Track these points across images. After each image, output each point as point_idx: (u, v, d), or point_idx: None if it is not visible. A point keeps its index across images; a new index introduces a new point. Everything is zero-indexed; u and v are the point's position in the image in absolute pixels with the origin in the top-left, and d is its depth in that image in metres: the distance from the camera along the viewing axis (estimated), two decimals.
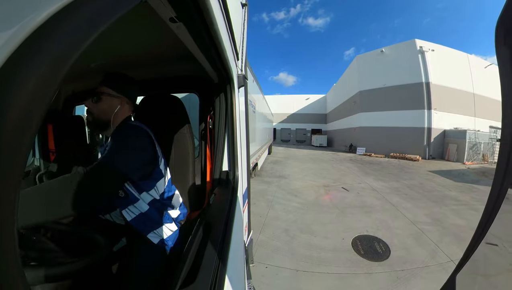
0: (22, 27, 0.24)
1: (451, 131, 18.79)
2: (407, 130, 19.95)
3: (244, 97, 2.12)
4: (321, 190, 7.49)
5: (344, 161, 15.77)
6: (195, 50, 1.00)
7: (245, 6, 1.77)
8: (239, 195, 1.52)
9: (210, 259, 0.82)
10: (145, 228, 1.25)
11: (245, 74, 1.86)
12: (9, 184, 0.25)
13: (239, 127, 1.68)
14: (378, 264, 3.31)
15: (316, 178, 9.42)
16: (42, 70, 0.26)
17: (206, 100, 2.02)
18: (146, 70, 2.01)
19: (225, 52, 1.13)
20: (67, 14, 0.28)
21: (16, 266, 0.28)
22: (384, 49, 21.87)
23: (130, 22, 1.29)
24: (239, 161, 1.63)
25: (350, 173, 11.01)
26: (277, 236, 4.22)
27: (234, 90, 1.52)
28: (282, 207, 5.78)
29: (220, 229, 1.04)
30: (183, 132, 1.64)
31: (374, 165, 14.42)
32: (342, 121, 30.14)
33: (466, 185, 8.94)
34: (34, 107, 0.26)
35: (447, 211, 5.61)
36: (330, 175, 10.28)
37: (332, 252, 3.67)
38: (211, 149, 1.85)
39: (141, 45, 1.65)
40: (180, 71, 1.99)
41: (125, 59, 1.84)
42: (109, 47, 1.62)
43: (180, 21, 0.74)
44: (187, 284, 0.71)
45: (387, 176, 10.48)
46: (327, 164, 13.91)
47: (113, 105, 1.26)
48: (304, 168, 11.96)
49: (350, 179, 9.37)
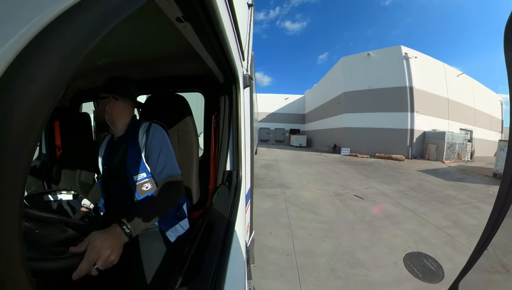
0: (32, 25, 0.24)
1: (430, 133, 20.36)
2: (391, 131, 20.81)
3: (249, 98, 2.12)
4: (335, 200, 6.50)
5: (336, 163, 15.28)
6: (201, 50, 1.01)
7: (251, 6, 1.77)
8: (242, 195, 1.52)
9: (211, 258, 0.82)
10: (163, 225, 1.29)
11: (251, 74, 1.86)
12: (16, 178, 0.26)
13: (244, 127, 1.69)
14: (441, 285, 3.08)
15: (320, 185, 8.49)
16: (50, 68, 0.26)
17: (211, 99, 2.03)
18: (152, 69, 2.02)
19: (231, 52, 1.13)
20: (76, 13, 0.28)
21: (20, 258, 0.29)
22: (370, 53, 22.41)
23: (137, 21, 1.31)
24: (243, 161, 1.63)
25: (351, 176, 10.51)
26: (328, 285, 2.94)
27: (239, 91, 1.52)
28: (306, 232, 4.44)
29: (222, 229, 1.04)
30: (188, 131, 1.64)
31: (366, 166, 14.21)
32: (324, 121, 30.18)
33: (457, 183, 9.70)
34: (41, 104, 0.27)
35: (457, 211, 5.71)
36: (333, 179, 9.55)
37: (396, 285, 3.03)
38: (215, 148, 1.85)
39: (148, 44, 1.67)
40: (186, 70, 2.00)
41: (132, 58, 1.86)
42: (117, 46, 1.63)
43: (186, 21, 0.74)
44: (188, 281, 0.72)
45: (386, 177, 10.33)
46: (321, 167, 13.21)
47: (105, 105, 1.32)
48: (301, 173, 10.95)
49: (356, 184, 8.81)
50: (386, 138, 20.73)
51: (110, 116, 1.32)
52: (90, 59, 1.80)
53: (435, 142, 19.23)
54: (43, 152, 2.44)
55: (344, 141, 23.11)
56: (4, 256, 0.27)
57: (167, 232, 1.29)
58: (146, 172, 1.28)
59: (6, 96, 0.24)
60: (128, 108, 1.39)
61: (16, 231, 0.28)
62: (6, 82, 0.23)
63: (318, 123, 32.59)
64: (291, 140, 35.95)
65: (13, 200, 0.26)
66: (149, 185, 1.28)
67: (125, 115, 1.38)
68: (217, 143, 1.71)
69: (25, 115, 0.25)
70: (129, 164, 1.27)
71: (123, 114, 1.37)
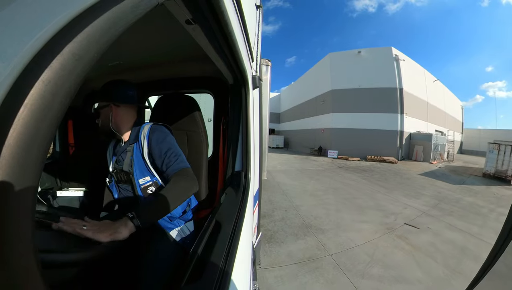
0: (47, 29, 0.25)
1: (416, 134, 21.02)
2: (381, 133, 20.44)
3: (259, 99, 2.12)
4: (395, 240, 4.60)
5: (336, 169, 13.81)
6: (210, 51, 1.02)
7: (259, 8, 1.77)
8: (250, 196, 1.52)
9: (217, 257, 0.82)
10: (168, 225, 1.31)
11: (260, 75, 1.86)
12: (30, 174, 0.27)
13: (253, 128, 1.69)
14: None
15: (354, 212, 6.17)
16: (64, 69, 0.27)
17: (220, 101, 2.04)
18: (162, 71, 2.05)
19: (240, 54, 1.14)
20: (88, 17, 0.29)
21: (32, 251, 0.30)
22: (361, 51, 21.78)
23: (147, 24, 1.33)
24: (252, 162, 1.64)
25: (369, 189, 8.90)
26: None
27: (248, 92, 1.52)
28: None
29: (229, 229, 1.04)
30: (197, 131, 1.66)
31: (368, 172, 13.27)
32: (305, 121, 28.75)
33: (463, 187, 9.91)
34: (56, 105, 0.28)
35: (494, 224, 5.65)
36: (359, 199, 7.44)
37: None
38: (224, 149, 1.86)
39: (158, 46, 1.69)
40: (195, 72, 2.02)
41: (142, 60, 1.89)
42: (127, 48, 1.66)
43: (195, 23, 0.75)
44: (193, 279, 0.72)
45: (403, 187, 9.54)
46: (327, 178, 11.12)
47: (107, 114, 1.31)
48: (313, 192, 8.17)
49: (386, 202, 7.30)
50: (376, 140, 20.27)
51: (115, 124, 1.32)
52: (103, 61, 1.84)
53: (422, 144, 19.85)
54: (56, 150, 2.51)
55: (331, 143, 21.97)
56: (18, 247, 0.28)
57: (172, 231, 1.31)
58: (150, 175, 1.29)
59: (22, 97, 0.25)
60: (131, 113, 1.38)
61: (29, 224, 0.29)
62: (22, 83, 0.24)
63: (297, 123, 31.05)
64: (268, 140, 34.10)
65: (27, 195, 0.28)
66: (153, 188, 1.29)
67: (129, 120, 1.37)
68: (226, 144, 1.71)
69: (41, 115, 0.26)
70: (135, 168, 1.29)
71: (127, 120, 1.36)
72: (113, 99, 1.30)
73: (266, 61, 9.05)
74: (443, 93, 27.80)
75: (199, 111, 1.69)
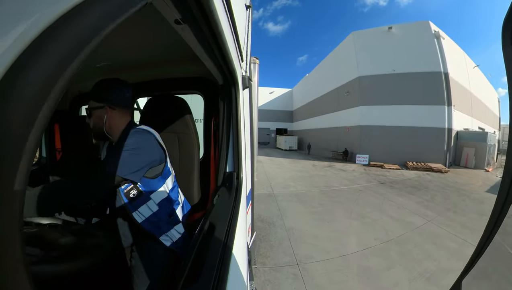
0: (29, 29, 0.24)
1: (465, 133, 15.97)
2: (424, 131, 15.74)
3: (249, 99, 2.12)
4: None
5: (380, 188, 9.24)
6: (199, 51, 1.01)
7: (249, 8, 1.78)
8: (243, 196, 1.51)
9: (213, 259, 0.82)
10: (156, 230, 1.28)
11: (250, 76, 1.86)
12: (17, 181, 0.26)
13: (244, 128, 1.68)
14: None
15: None
16: (49, 71, 0.26)
17: (210, 101, 2.03)
18: (151, 71, 2.02)
19: (230, 54, 1.13)
20: (74, 16, 0.28)
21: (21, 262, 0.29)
22: (392, 27, 17.14)
23: (136, 23, 1.30)
24: (243, 162, 1.63)
25: (446, 236, 4.89)
26: None
27: (238, 92, 1.52)
28: None
29: (223, 230, 1.04)
30: (188, 133, 1.64)
31: (420, 190, 9.09)
32: (324, 118, 23.89)
33: None
34: (41, 108, 0.26)
35: None
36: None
37: None
38: (215, 150, 1.85)
39: (146, 47, 1.67)
40: (185, 72, 2.00)
41: (131, 60, 1.86)
42: (115, 48, 1.63)
43: (185, 23, 0.74)
44: (189, 283, 0.72)
45: (480, 223, 5.65)
46: (374, 209, 6.49)
47: (101, 116, 1.24)
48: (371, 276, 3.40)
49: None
50: (418, 140, 15.71)
51: (109, 127, 1.26)
52: (89, 62, 1.80)
53: (474, 145, 15.14)
54: (43, 155, 2.44)
55: (359, 145, 17.44)
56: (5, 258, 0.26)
57: (161, 237, 1.28)
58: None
59: (5, 100, 0.24)
60: (125, 116, 1.32)
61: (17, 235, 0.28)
62: (5, 86, 0.23)
63: (314, 121, 26.38)
64: (279, 142, 30.30)
65: (14, 203, 0.26)
66: (134, 192, 1.23)
67: (123, 123, 1.30)
68: (217, 145, 1.70)
69: (25, 119, 0.25)
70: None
71: (121, 123, 1.29)
72: (109, 101, 1.23)
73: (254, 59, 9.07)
74: (481, 83, 21.36)
75: (189, 112, 1.67)
